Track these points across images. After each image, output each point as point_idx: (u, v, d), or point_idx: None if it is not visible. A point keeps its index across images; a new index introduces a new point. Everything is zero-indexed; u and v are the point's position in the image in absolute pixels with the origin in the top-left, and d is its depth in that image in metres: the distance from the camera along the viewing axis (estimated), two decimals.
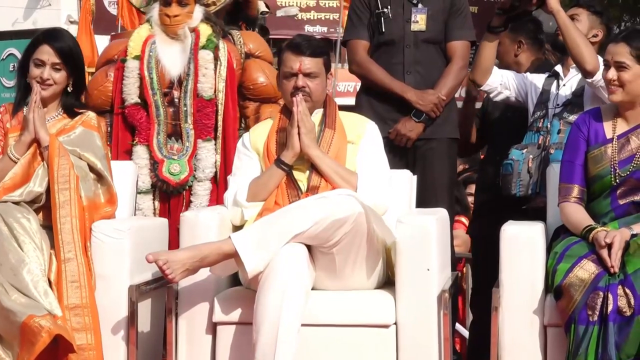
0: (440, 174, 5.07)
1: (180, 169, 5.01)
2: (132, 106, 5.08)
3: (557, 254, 3.97)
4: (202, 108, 5.04)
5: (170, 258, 3.88)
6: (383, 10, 5.15)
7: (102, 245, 4.19)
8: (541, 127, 4.93)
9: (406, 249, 4.05)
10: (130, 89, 5.09)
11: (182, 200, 5.05)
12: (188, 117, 5.04)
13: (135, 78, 5.10)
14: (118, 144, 5.13)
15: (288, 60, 4.33)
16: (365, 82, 5.23)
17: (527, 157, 4.86)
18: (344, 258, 4.02)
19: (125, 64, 5.13)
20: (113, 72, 5.17)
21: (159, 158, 5.02)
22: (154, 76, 5.06)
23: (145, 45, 5.12)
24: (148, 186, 5.04)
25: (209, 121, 5.03)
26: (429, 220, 4.10)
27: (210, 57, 5.07)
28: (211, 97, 5.05)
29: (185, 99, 5.04)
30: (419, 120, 5.05)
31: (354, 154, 4.31)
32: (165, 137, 5.05)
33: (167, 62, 5.05)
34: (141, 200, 5.01)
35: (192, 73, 5.05)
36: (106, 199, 4.37)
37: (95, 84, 5.25)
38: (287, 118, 4.33)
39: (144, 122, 5.06)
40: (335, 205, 3.93)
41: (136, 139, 5.07)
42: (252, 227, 4.00)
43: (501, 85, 5.10)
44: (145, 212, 5.00)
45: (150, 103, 5.06)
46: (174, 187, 5.01)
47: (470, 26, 5.25)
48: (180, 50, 5.07)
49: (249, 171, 4.32)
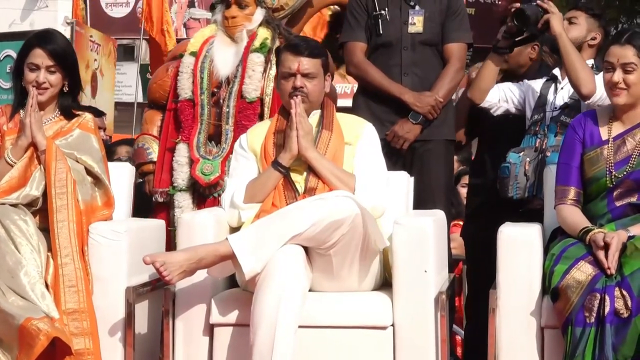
0: (437, 175, 5.09)
1: (212, 169, 4.98)
2: (184, 101, 5.09)
3: (554, 256, 3.97)
4: (243, 109, 5.01)
5: (168, 260, 3.89)
6: (380, 12, 5.16)
7: (99, 247, 4.20)
8: (538, 130, 4.94)
9: (403, 251, 4.05)
10: (185, 84, 5.10)
11: (217, 202, 5.01)
12: (230, 119, 5.02)
13: (189, 74, 5.11)
14: (166, 140, 5.14)
15: (286, 60, 4.34)
16: (363, 84, 5.25)
17: (524, 160, 4.87)
18: (341, 259, 4.02)
19: (182, 59, 5.16)
20: (173, 68, 5.20)
21: (196, 157, 5.01)
22: (205, 75, 5.07)
23: (205, 44, 5.15)
24: (187, 184, 5.03)
25: (249, 123, 4.97)
26: (426, 221, 4.11)
27: (261, 60, 5.05)
28: (254, 99, 5.02)
29: (229, 100, 5.03)
30: (416, 122, 5.06)
31: (351, 156, 4.31)
32: (206, 138, 5.04)
33: (218, 62, 5.05)
34: (181, 198, 5.02)
35: (239, 75, 5.05)
36: (103, 202, 4.37)
37: (156, 77, 5.31)
38: (285, 119, 4.34)
39: (189, 119, 5.06)
40: (333, 206, 3.93)
41: (179, 137, 5.08)
42: (249, 229, 4.01)
43: (500, 99, 5.10)
44: (185, 210, 4.98)
45: (197, 102, 5.07)
46: (205, 187, 4.99)
47: (467, 28, 5.27)
48: (235, 52, 5.07)
49: (246, 173, 4.32)
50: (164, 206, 5.11)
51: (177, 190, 5.03)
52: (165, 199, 5.10)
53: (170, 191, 5.07)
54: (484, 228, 4.88)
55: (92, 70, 11.09)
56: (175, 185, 5.05)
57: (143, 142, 5.28)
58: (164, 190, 5.10)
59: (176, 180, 5.05)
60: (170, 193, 5.07)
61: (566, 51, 4.79)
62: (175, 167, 5.07)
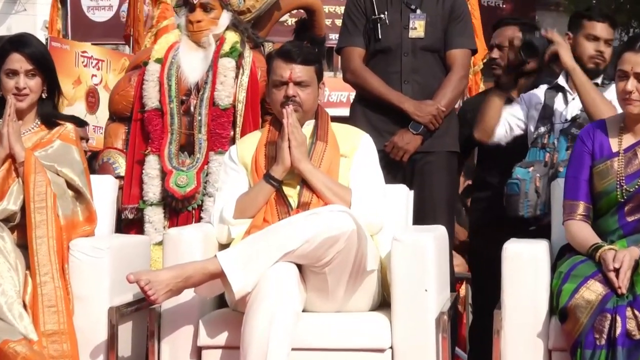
0: (438, 189, 5.09)
1: (188, 181, 5.00)
2: (152, 111, 5.12)
3: (562, 274, 3.98)
4: (217, 117, 5.06)
5: (153, 278, 3.89)
6: (380, 16, 5.18)
7: (80, 265, 4.20)
8: (547, 144, 4.93)
9: (403, 269, 4.06)
10: (151, 93, 5.14)
11: (191, 217, 5.04)
12: (202, 127, 5.06)
13: (155, 82, 5.16)
14: (134, 153, 5.16)
15: (278, 68, 4.36)
16: (360, 92, 5.26)
17: (534, 176, 4.85)
18: (337, 278, 4.03)
19: (146, 67, 5.18)
20: (137, 77, 5.22)
21: (168, 169, 5.03)
22: (173, 83, 5.11)
23: (170, 51, 5.19)
24: (159, 198, 5.05)
25: (223, 131, 5.04)
26: (426, 237, 4.11)
27: (232, 65, 5.10)
28: (227, 106, 5.07)
29: (201, 108, 5.07)
30: (417, 132, 5.07)
31: (347, 168, 4.33)
32: (178, 148, 5.07)
33: (186, 68, 5.09)
34: (152, 212, 5.04)
35: (210, 81, 5.08)
36: (85, 217, 4.37)
37: (118, 88, 5.34)
38: (277, 130, 4.35)
39: (158, 130, 5.10)
40: (328, 222, 3.94)
41: (148, 149, 5.10)
42: (239, 246, 4.02)
43: (507, 130, 5.09)
44: (156, 225, 5.01)
45: (165, 111, 5.10)
46: (180, 201, 5.01)
47: (470, 34, 5.30)
48: (202, 58, 5.11)
49: (236, 186, 4.34)
50: (135, 223, 5.12)
51: (148, 204, 5.04)
52: (135, 216, 5.11)
53: (140, 205, 5.08)
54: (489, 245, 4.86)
55: (89, 87, 11.13)
56: (146, 199, 5.07)
57: (108, 156, 5.30)
58: (134, 207, 5.11)
59: (147, 194, 5.07)
60: (141, 207, 5.08)
61: (582, 85, 4.81)
62: (145, 180, 5.09)
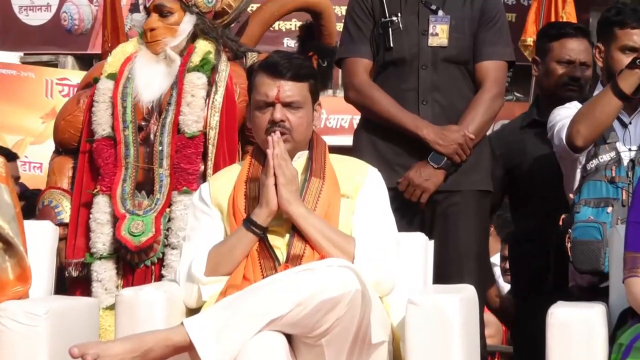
0: (466, 238, 5.12)
1: (144, 228, 4.99)
2: (102, 140, 5.11)
3: (623, 346, 4.01)
4: (182, 148, 5.04)
5: (103, 352, 3.89)
6: (391, 19, 5.22)
7: (11, 335, 4.21)
8: (615, 177, 4.93)
9: (420, 339, 4.07)
10: (101, 117, 5.13)
11: (150, 274, 5.04)
12: (164, 160, 5.05)
13: (107, 103, 5.14)
14: (80, 194, 5.15)
15: (262, 85, 4.34)
16: (367, 115, 5.30)
17: (614, 219, 4.83)
18: (337, 351, 4.03)
19: (97, 84, 5.16)
20: (86, 99, 5.21)
21: (121, 213, 5.01)
22: (128, 104, 5.10)
23: (127, 64, 5.18)
24: (109, 250, 5.05)
25: (190, 166, 5.03)
26: (450, 300, 4.13)
27: (202, 81, 5.08)
28: (195, 134, 5.05)
29: (162, 136, 5.06)
30: (439, 166, 5.10)
31: (349, 212, 4.35)
32: (133, 187, 5.06)
33: (140, 84, 5.07)
34: (101, 268, 5.04)
35: (175, 102, 5.06)
36: (16, 275, 4.37)
37: (64, 112, 5.32)
38: (260, 164, 4.35)
39: (110, 164, 5.08)
40: (325, 280, 3.95)
41: (97, 187, 5.09)
42: (212, 310, 4.02)
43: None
44: (107, 284, 5.01)
45: (119, 139, 5.07)
46: (135, 253, 5.01)
47: (506, 41, 5.31)
48: (164, 73, 5.11)
49: (208, 235, 4.35)
50: (80, 282, 5.12)
51: (97, 258, 5.04)
52: (81, 273, 5.11)
53: (87, 259, 5.07)
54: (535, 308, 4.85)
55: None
56: (94, 251, 5.06)
57: (50, 198, 5.26)
58: (79, 261, 5.11)
59: (95, 244, 5.06)
60: (88, 262, 5.07)
61: None
62: (93, 227, 5.08)
